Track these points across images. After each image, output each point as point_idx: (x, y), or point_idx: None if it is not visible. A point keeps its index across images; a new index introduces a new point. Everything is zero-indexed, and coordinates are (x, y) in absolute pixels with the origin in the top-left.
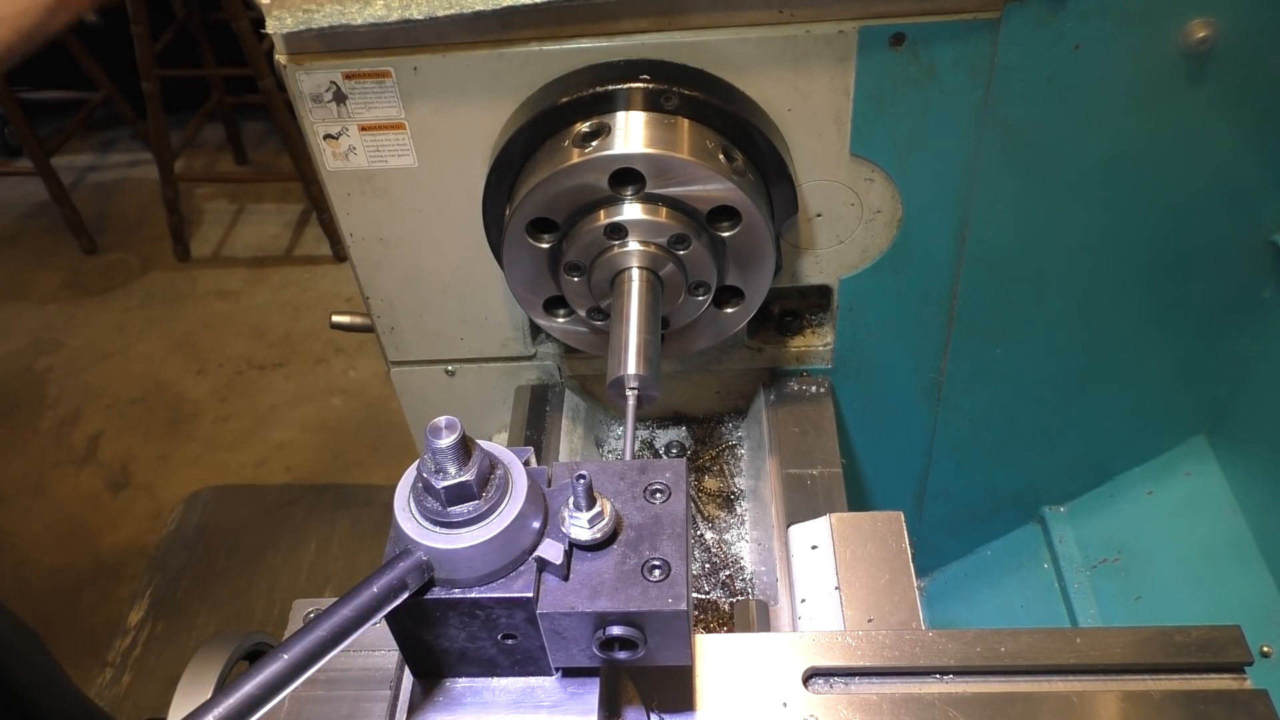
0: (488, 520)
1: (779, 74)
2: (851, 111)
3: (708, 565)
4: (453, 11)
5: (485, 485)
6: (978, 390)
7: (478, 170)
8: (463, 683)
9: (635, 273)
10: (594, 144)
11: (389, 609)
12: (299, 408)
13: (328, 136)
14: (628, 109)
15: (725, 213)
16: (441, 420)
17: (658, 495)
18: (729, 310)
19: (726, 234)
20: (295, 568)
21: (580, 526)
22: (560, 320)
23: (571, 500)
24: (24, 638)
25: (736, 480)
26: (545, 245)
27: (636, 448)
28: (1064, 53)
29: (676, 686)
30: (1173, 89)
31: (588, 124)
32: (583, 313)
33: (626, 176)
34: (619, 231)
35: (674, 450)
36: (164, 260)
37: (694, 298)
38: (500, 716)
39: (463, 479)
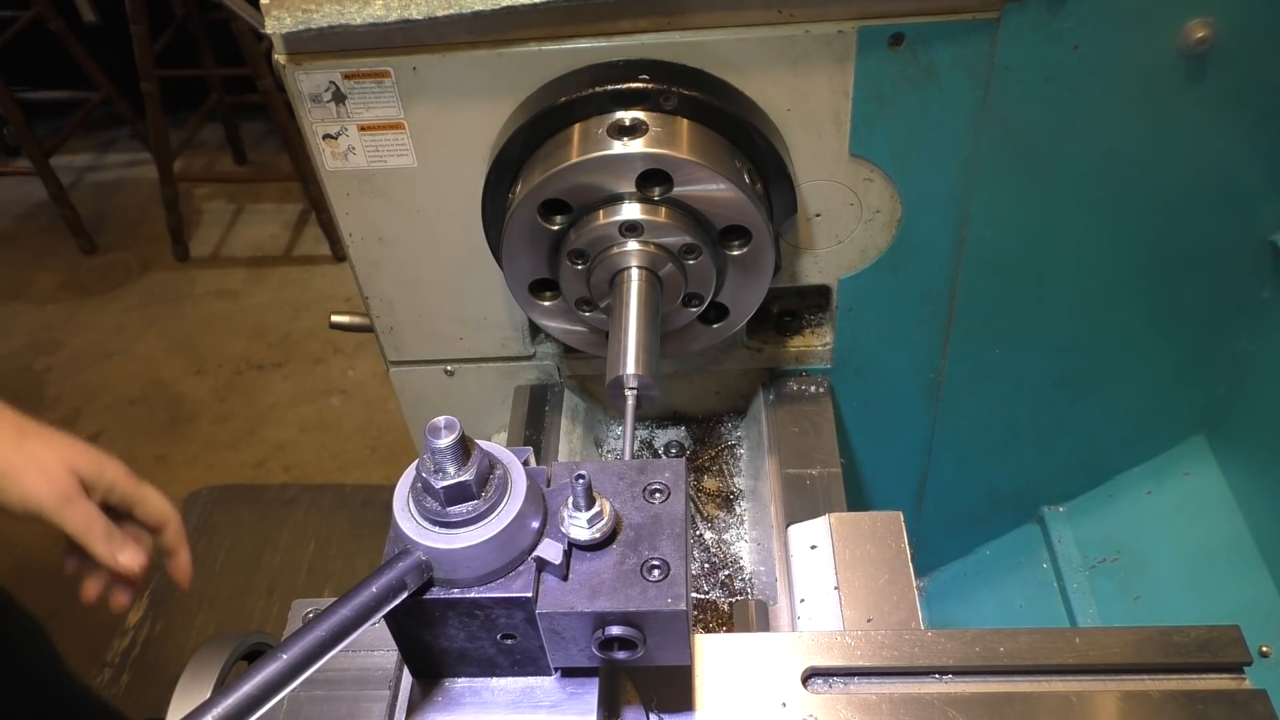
0: (487, 520)
1: (778, 74)
2: (850, 111)
3: (707, 565)
4: (452, 11)
5: (484, 485)
6: (977, 390)
7: (477, 170)
8: (462, 683)
9: (638, 272)
10: (629, 139)
11: (388, 609)
12: (298, 407)
13: (327, 136)
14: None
15: (738, 232)
16: (440, 420)
17: (657, 495)
18: (714, 326)
19: (735, 252)
20: (295, 568)
21: (579, 526)
22: (546, 304)
23: (571, 500)
24: (36, 631)
25: (736, 480)
26: (554, 227)
27: (636, 448)
28: (1063, 53)
29: (676, 686)
30: (1172, 89)
31: (628, 118)
32: (571, 301)
33: (651, 178)
34: (634, 229)
35: (673, 450)
36: (163, 260)
37: (686, 309)
38: (499, 716)
39: (462, 479)
